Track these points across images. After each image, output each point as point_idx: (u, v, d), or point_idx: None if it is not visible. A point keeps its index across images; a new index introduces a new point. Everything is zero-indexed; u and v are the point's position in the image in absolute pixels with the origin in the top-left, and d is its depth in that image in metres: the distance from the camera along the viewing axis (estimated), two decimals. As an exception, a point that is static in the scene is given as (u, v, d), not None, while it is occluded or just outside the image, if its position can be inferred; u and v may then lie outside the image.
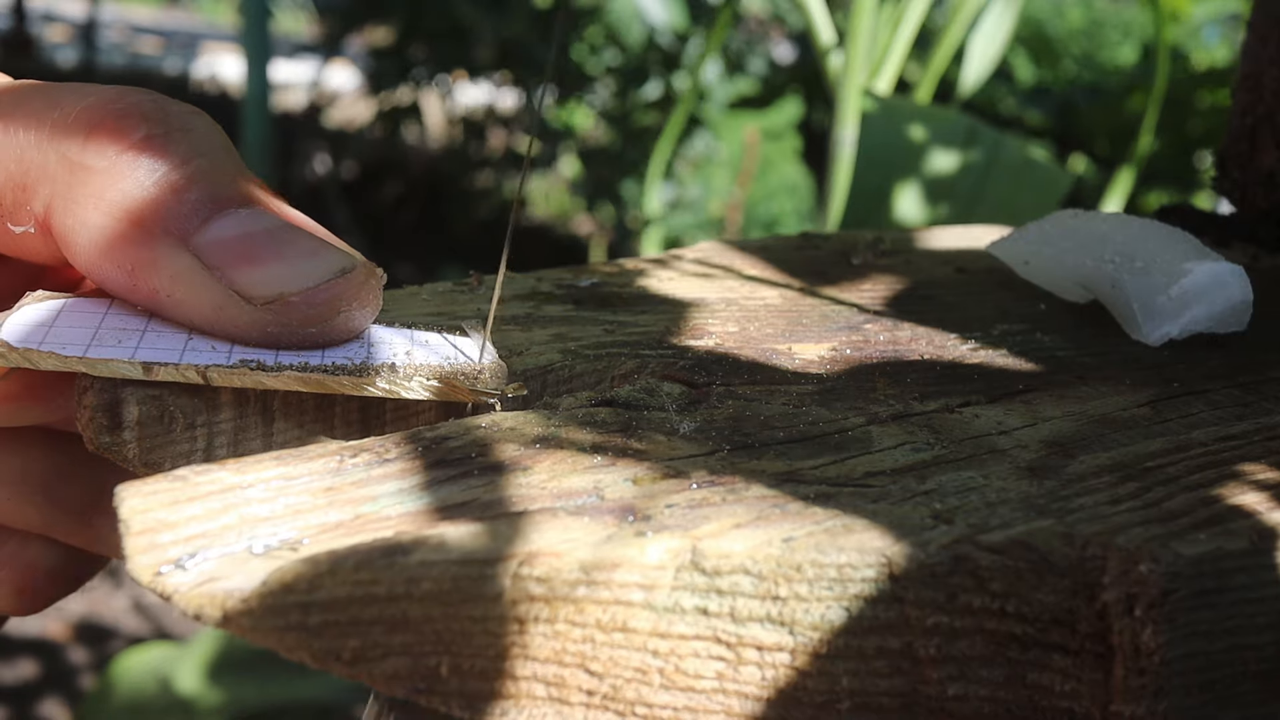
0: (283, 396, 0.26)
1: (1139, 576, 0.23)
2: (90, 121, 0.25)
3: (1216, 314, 0.33)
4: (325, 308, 0.26)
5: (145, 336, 0.25)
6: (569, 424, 0.25)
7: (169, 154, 0.25)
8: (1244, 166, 0.43)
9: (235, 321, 0.25)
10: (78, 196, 0.25)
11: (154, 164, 0.25)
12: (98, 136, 0.25)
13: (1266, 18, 0.42)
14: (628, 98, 2.96)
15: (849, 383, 0.29)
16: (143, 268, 0.25)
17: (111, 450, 0.25)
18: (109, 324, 0.26)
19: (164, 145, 0.25)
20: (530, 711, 0.21)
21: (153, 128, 0.25)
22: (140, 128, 0.25)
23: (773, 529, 0.22)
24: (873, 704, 0.23)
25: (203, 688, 0.93)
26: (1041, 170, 0.81)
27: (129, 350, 0.25)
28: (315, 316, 0.26)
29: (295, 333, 0.26)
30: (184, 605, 0.19)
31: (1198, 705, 0.24)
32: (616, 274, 0.36)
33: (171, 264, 0.25)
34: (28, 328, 0.25)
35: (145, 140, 0.25)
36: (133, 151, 0.25)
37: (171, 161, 0.25)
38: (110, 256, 0.25)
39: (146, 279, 0.25)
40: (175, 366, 0.24)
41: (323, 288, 0.26)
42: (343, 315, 0.26)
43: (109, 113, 0.25)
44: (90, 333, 0.25)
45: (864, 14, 0.81)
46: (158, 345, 0.25)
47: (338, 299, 0.26)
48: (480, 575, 0.20)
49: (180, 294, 0.25)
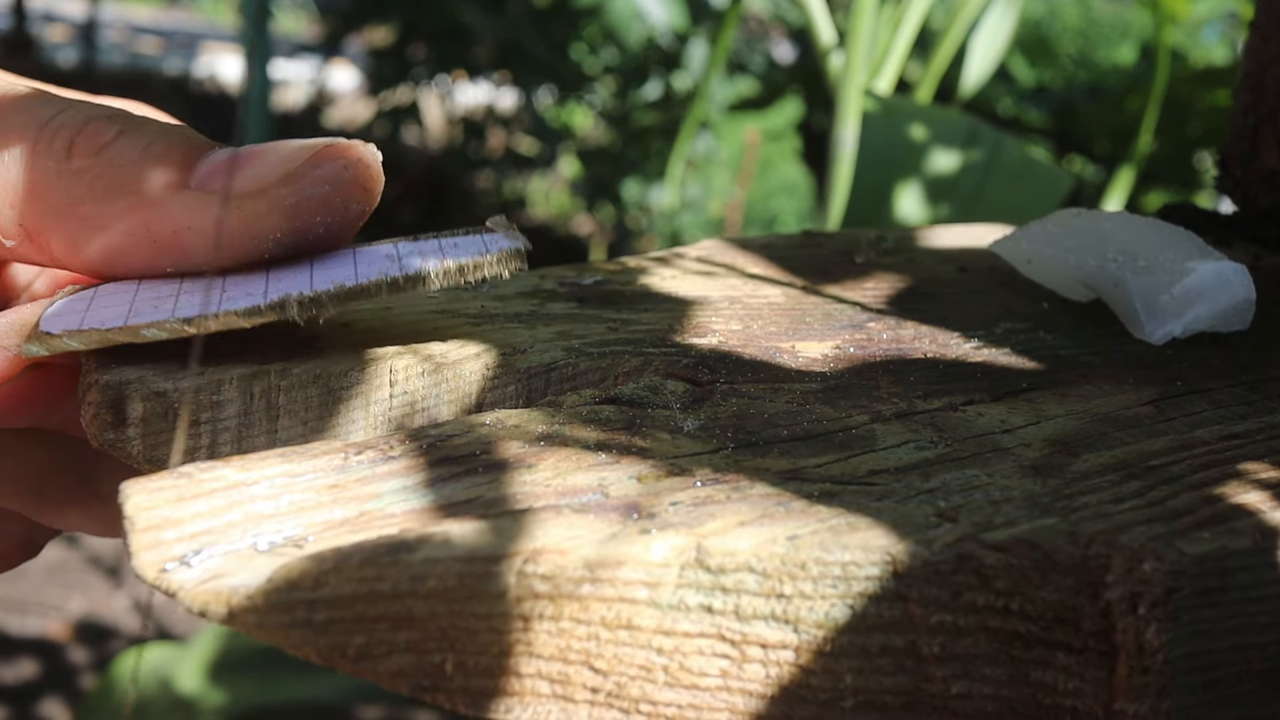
0: (288, 394, 0.26)
1: (1143, 575, 0.23)
2: (69, 136, 0.27)
3: (1219, 313, 0.33)
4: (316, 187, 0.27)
5: (180, 300, 0.26)
6: (573, 421, 0.25)
7: (145, 130, 0.27)
8: (1246, 166, 0.43)
9: (233, 228, 0.27)
10: (73, 196, 0.27)
11: (137, 141, 0.27)
12: (79, 144, 0.27)
13: (1269, 17, 0.42)
14: (628, 98, 2.96)
15: (852, 381, 0.29)
16: (156, 221, 0.27)
17: (116, 447, 0.25)
18: (143, 297, 0.27)
19: (138, 126, 0.27)
20: (535, 709, 0.21)
21: (124, 124, 0.27)
22: (112, 127, 0.27)
23: (777, 527, 0.22)
24: (876, 702, 0.23)
25: (203, 688, 0.93)
26: (1041, 170, 0.81)
27: (166, 313, 0.26)
28: (309, 201, 0.27)
29: (302, 221, 0.27)
30: (189, 602, 0.19)
31: (1201, 704, 0.24)
32: (619, 272, 0.36)
33: (179, 205, 0.27)
34: (65, 315, 0.26)
35: (121, 131, 0.27)
36: (110, 146, 0.27)
37: (151, 133, 0.27)
38: (125, 228, 0.27)
39: (163, 228, 0.27)
40: (215, 316, 0.25)
41: (306, 164, 0.27)
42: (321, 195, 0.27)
43: (79, 126, 0.27)
44: (126, 306, 0.26)
45: (864, 14, 0.81)
46: (193, 304, 0.26)
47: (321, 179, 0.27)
48: (485, 572, 0.20)
49: (196, 226, 0.27)
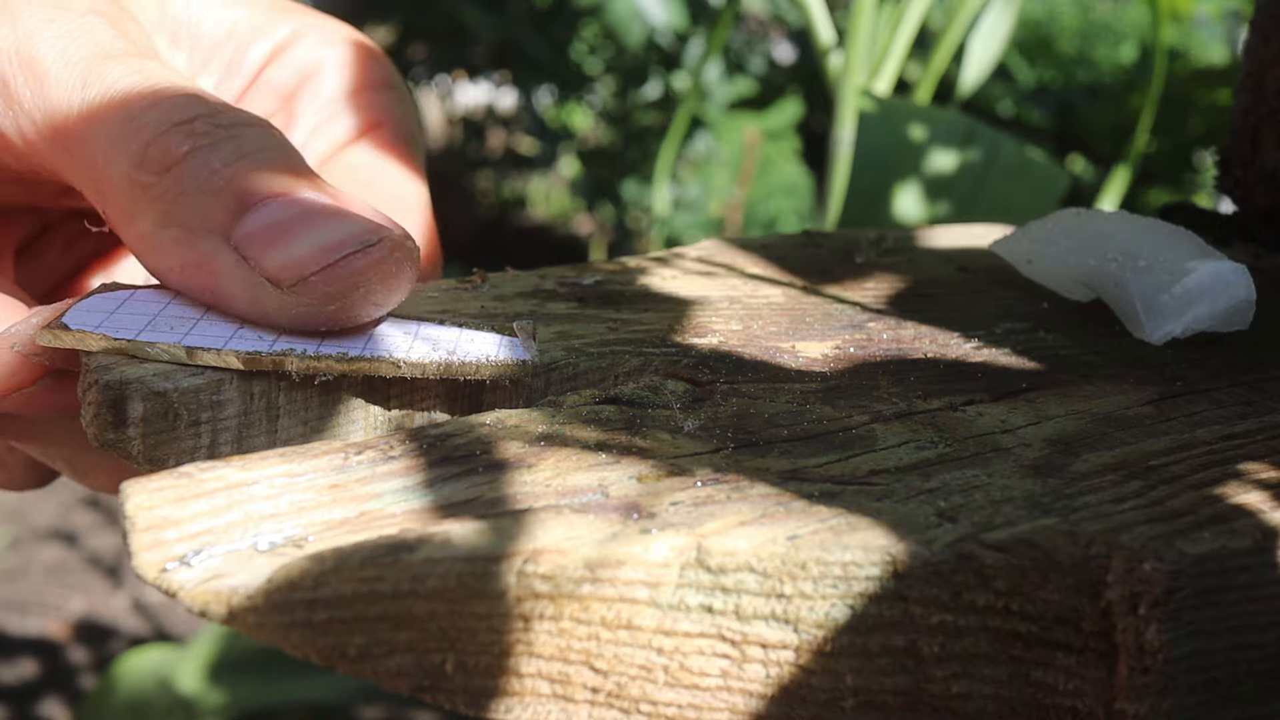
0: (288, 393, 0.26)
1: (1143, 575, 0.23)
2: (144, 140, 0.27)
3: (1219, 313, 0.33)
4: (344, 282, 0.26)
5: (198, 325, 0.27)
6: (573, 422, 0.25)
7: (211, 161, 0.27)
8: (1246, 165, 0.43)
9: (268, 308, 0.26)
10: (135, 209, 0.27)
11: (197, 173, 0.27)
12: (150, 155, 0.27)
13: (1269, 17, 0.42)
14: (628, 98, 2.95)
15: (853, 381, 0.29)
16: (191, 268, 0.27)
17: (116, 446, 0.25)
18: (167, 313, 0.27)
19: (207, 154, 0.27)
20: (535, 709, 0.21)
21: (198, 140, 0.27)
22: (185, 144, 0.27)
23: (777, 527, 0.22)
24: (876, 702, 0.23)
25: (203, 688, 0.93)
26: (1039, 170, 0.81)
27: (179, 336, 0.26)
28: (336, 292, 0.26)
29: (320, 312, 0.26)
30: (189, 602, 0.19)
31: (1201, 704, 0.24)
32: (619, 272, 0.36)
33: (215, 261, 0.27)
34: (89, 314, 0.27)
35: (189, 153, 0.27)
36: (178, 166, 0.27)
37: (212, 167, 0.27)
38: (163, 260, 0.27)
39: (196, 277, 0.27)
40: (217, 352, 0.25)
41: (341, 262, 0.26)
42: (361, 291, 0.26)
43: (157, 133, 0.27)
44: (147, 319, 0.27)
45: (864, 14, 0.81)
46: (208, 333, 0.26)
47: (356, 273, 0.26)
48: (485, 572, 0.20)
49: (224, 287, 0.27)
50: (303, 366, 0.26)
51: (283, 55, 0.36)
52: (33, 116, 0.28)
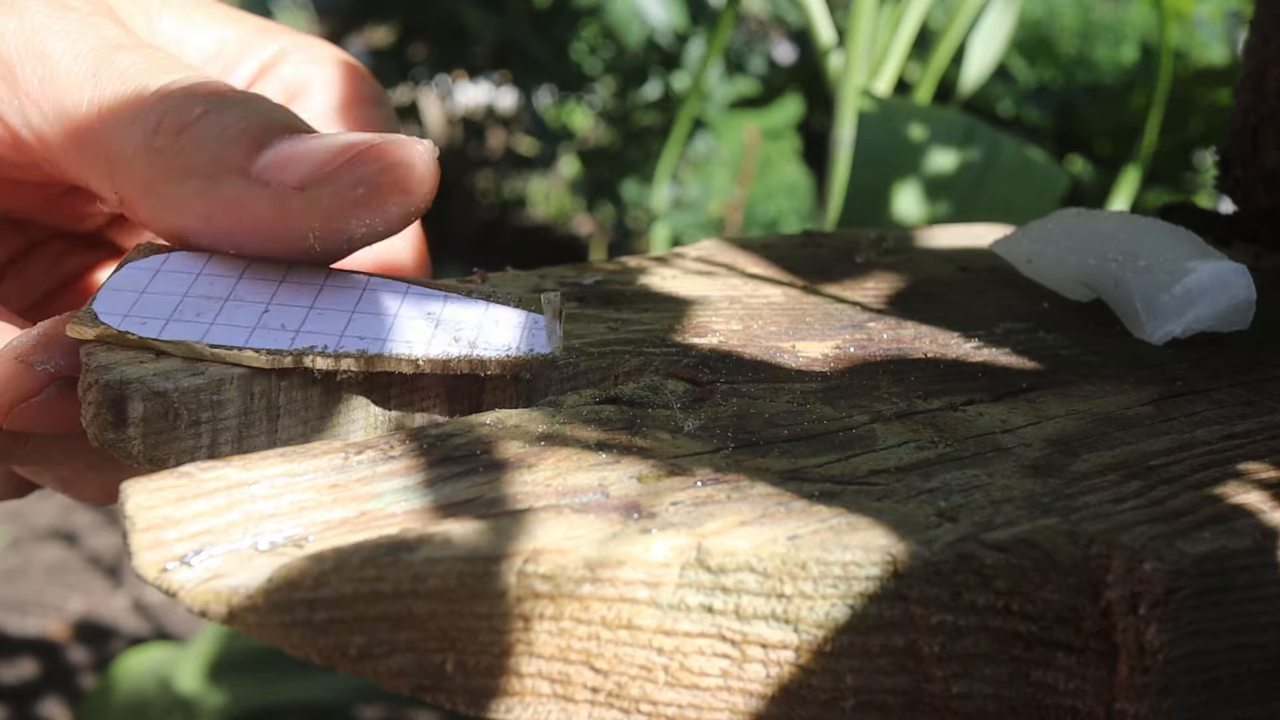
0: (288, 393, 0.26)
1: (1143, 575, 0.23)
2: (159, 112, 0.28)
3: (1220, 313, 0.33)
4: (368, 165, 0.27)
5: (224, 309, 0.27)
6: (573, 421, 0.25)
7: (224, 119, 0.28)
8: (1246, 165, 0.43)
9: (296, 209, 0.27)
10: (151, 173, 0.28)
11: (211, 128, 0.28)
12: (165, 122, 0.28)
13: (1269, 17, 0.42)
14: (627, 98, 2.95)
15: (853, 381, 0.29)
16: (216, 213, 0.27)
17: (116, 446, 0.25)
18: (196, 290, 0.27)
19: (220, 113, 0.28)
20: (535, 708, 0.21)
21: (209, 104, 0.28)
22: (197, 107, 0.28)
23: (778, 527, 0.22)
24: (877, 702, 0.23)
25: (203, 688, 0.93)
26: (1039, 169, 0.81)
27: (203, 328, 0.26)
28: (361, 177, 0.27)
29: (349, 198, 0.27)
30: (189, 602, 0.19)
31: (1201, 704, 0.24)
32: (619, 272, 0.36)
33: (239, 196, 0.27)
34: (119, 295, 0.27)
35: (202, 114, 0.28)
36: (192, 126, 0.28)
37: (224, 123, 0.28)
38: (188, 215, 0.28)
39: (221, 220, 0.28)
40: (238, 350, 0.26)
41: (363, 152, 0.27)
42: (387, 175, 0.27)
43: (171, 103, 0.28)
44: (174, 302, 0.27)
45: (864, 14, 0.81)
46: (233, 322, 0.27)
47: (379, 156, 0.27)
48: (485, 572, 0.20)
49: (250, 214, 0.27)
50: (325, 365, 0.26)
51: (270, 73, 0.36)
52: (41, 106, 0.29)
